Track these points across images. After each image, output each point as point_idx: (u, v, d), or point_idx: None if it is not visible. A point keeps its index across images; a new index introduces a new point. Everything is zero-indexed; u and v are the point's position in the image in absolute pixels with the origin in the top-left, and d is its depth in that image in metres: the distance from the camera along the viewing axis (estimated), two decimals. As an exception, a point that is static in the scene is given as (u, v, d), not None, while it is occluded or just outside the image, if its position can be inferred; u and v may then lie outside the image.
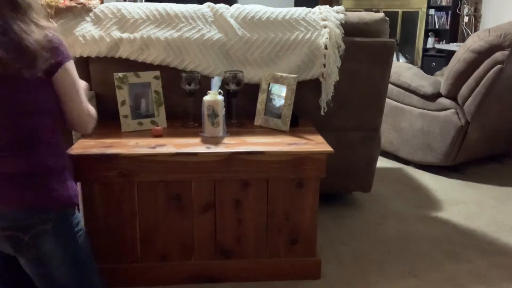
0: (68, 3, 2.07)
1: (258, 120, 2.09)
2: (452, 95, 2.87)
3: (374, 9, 5.55)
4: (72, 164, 1.34)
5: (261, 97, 2.08)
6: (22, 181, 1.17)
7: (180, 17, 2.13)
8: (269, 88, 2.07)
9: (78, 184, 1.69)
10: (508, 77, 2.77)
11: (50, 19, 1.98)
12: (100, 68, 2.10)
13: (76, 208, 1.31)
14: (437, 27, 6.62)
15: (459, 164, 3.12)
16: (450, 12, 6.45)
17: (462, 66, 2.76)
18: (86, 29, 2.05)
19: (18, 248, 1.19)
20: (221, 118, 1.89)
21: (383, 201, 2.67)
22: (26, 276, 1.26)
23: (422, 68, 6.21)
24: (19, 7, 1.16)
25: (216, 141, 1.84)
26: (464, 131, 2.88)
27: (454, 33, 6.50)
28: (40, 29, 1.18)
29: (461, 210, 2.58)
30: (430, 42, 6.59)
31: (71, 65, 1.25)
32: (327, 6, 2.32)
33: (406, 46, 6.69)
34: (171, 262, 1.83)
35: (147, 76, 2.00)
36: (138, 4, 2.18)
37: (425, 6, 6.55)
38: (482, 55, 2.69)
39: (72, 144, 1.78)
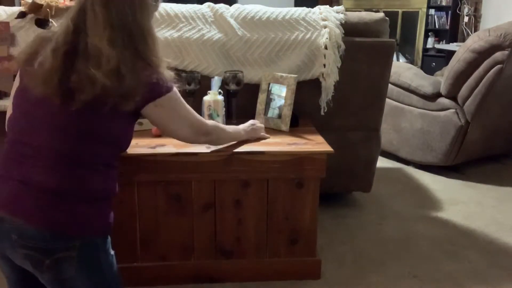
0: (68, 3, 2.07)
1: (258, 120, 2.08)
2: (452, 95, 2.87)
3: (374, 9, 5.54)
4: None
5: (261, 97, 2.08)
6: (54, 200, 1.11)
7: (180, 17, 2.13)
8: (269, 88, 2.07)
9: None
10: (508, 77, 2.77)
11: (50, 19, 1.99)
12: (100, 68, 2.10)
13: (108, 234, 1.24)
14: (437, 27, 6.62)
15: (459, 164, 3.12)
16: (450, 12, 6.45)
17: (462, 66, 2.76)
18: (86, 29, 2.05)
19: (37, 269, 1.12)
20: (221, 118, 1.89)
21: (383, 201, 2.67)
22: None
23: (422, 68, 6.21)
24: (135, 39, 1.18)
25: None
26: (464, 131, 2.88)
27: (454, 33, 6.49)
28: (148, 66, 1.19)
29: (461, 210, 2.58)
30: (430, 42, 6.59)
31: (165, 100, 1.25)
32: (327, 6, 2.32)
33: (406, 46, 6.69)
34: (171, 262, 1.83)
35: (147, 76, 2.00)
36: (138, 4, 2.17)
37: (425, 6, 6.54)
38: (482, 55, 2.69)
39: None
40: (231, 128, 1.70)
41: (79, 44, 1.14)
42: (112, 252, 1.26)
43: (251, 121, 1.84)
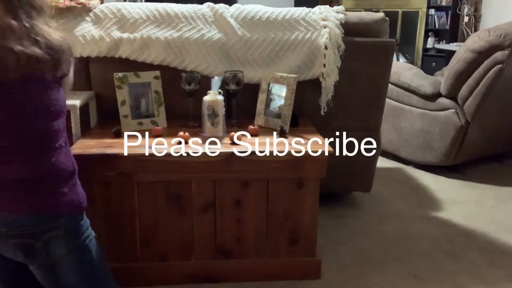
0: (68, 3, 2.08)
1: (258, 120, 2.09)
2: (452, 95, 2.87)
3: (374, 9, 5.54)
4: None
5: (261, 97, 2.08)
6: (32, 187, 1.14)
7: (180, 17, 2.13)
8: (269, 88, 2.07)
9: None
10: (508, 77, 2.77)
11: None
12: (100, 68, 2.10)
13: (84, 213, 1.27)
14: (437, 27, 6.62)
15: (459, 164, 3.12)
16: (450, 12, 6.45)
17: (462, 66, 2.76)
18: (86, 29, 2.05)
19: (29, 255, 1.16)
20: (221, 118, 1.89)
21: (383, 201, 2.67)
22: (37, 285, 1.24)
23: (422, 68, 6.20)
24: (37, 9, 1.16)
25: (216, 141, 1.83)
26: (464, 131, 2.88)
27: (454, 33, 6.49)
28: (56, 32, 1.19)
29: (461, 210, 2.58)
30: (430, 42, 6.59)
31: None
32: (327, 6, 2.32)
33: (406, 46, 6.68)
34: (171, 262, 1.83)
35: (147, 76, 2.00)
36: (138, 4, 2.18)
37: (425, 6, 6.54)
38: (482, 55, 2.69)
39: (72, 144, 1.78)
40: None
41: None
42: (94, 234, 1.29)
43: None
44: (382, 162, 3.20)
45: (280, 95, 2.03)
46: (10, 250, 1.16)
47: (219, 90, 1.89)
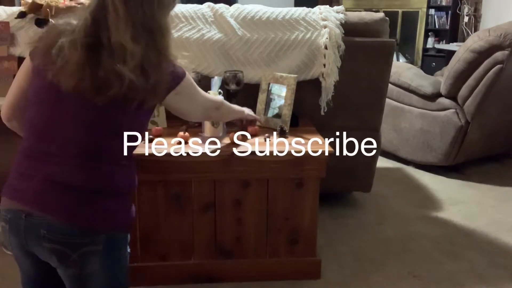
0: (68, 3, 2.08)
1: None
2: (452, 95, 2.87)
3: (374, 9, 5.54)
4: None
5: (261, 97, 2.08)
6: (81, 197, 1.12)
7: (180, 17, 2.13)
8: (269, 88, 2.07)
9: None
10: (508, 77, 2.77)
11: (50, 19, 1.99)
12: (100, 68, 2.10)
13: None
14: (437, 27, 6.62)
15: (459, 164, 3.12)
16: (450, 12, 6.45)
17: (462, 66, 2.76)
18: (86, 29, 2.05)
19: (63, 262, 1.13)
20: (221, 118, 1.89)
21: (383, 201, 2.67)
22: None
23: (422, 68, 6.20)
24: (155, 36, 1.17)
25: (216, 141, 1.83)
26: (464, 131, 2.88)
27: (454, 33, 6.49)
28: (167, 60, 1.19)
29: (461, 210, 2.58)
30: (430, 42, 6.59)
31: (183, 86, 1.26)
32: (327, 6, 2.32)
33: (406, 46, 6.69)
34: (171, 262, 1.83)
35: (147, 76, 2.00)
36: (138, 4, 2.17)
37: (425, 6, 6.54)
38: (482, 55, 2.69)
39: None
40: (234, 105, 1.74)
41: (101, 38, 1.13)
42: (129, 250, 1.27)
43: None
44: (382, 162, 3.20)
45: (280, 95, 2.03)
46: (45, 252, 1.13)
47: (219, 90, 1.89)
